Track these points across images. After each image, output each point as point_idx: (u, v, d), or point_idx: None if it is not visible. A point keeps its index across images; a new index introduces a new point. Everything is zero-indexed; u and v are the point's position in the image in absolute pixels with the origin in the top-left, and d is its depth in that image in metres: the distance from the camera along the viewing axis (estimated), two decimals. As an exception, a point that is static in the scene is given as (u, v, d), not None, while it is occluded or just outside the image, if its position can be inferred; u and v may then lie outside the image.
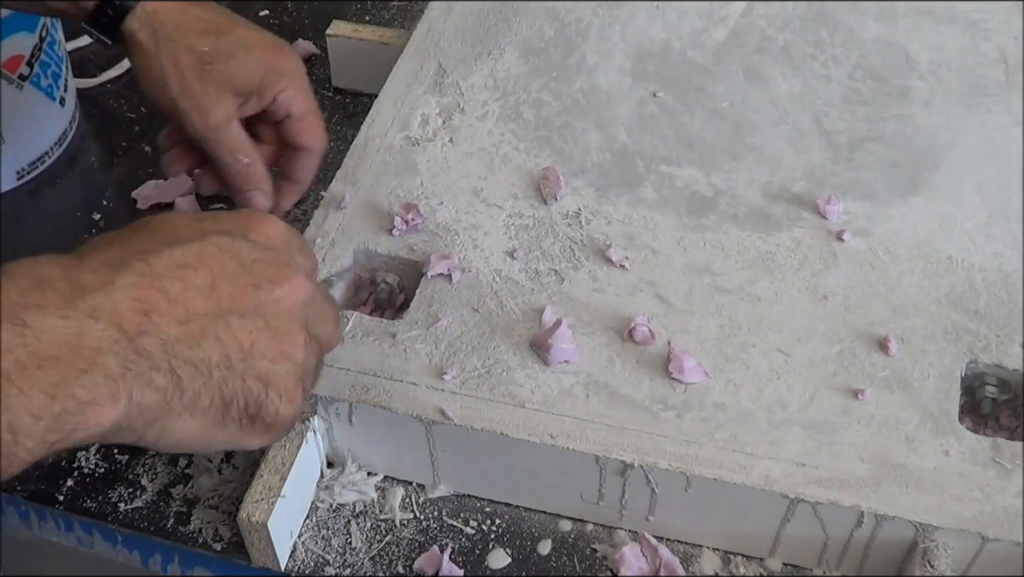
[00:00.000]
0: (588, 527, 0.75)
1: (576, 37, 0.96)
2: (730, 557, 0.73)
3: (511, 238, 0.81)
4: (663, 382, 0.72)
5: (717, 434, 0.70)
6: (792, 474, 0.68)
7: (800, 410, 0.71)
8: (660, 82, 0.93)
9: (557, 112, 0.90)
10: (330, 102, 1.04)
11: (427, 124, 0.89)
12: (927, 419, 0.71)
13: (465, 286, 0.78)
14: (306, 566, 0.73)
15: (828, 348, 0.74)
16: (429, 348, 0.74)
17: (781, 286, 0.78)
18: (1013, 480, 0.68)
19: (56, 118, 0.99)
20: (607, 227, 0.82)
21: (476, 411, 0.71)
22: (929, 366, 0.73)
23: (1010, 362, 0.74)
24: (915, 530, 0.67)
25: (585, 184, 0.85)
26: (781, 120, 0.90)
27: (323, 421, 0.73)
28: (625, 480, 0.70)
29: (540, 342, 0.73)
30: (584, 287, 0.78)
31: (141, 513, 0.76)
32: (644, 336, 0.74)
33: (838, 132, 0.89)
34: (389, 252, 0.80)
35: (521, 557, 0.73)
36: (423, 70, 0.93)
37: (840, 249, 0.80)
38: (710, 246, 0.81)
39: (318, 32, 1.07)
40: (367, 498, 0.76)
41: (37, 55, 0.94)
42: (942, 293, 0.78)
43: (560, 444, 0.69)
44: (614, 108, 0.91)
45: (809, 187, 0.84)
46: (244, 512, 0.69)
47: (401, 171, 0.85)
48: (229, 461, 0.78)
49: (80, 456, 0.79)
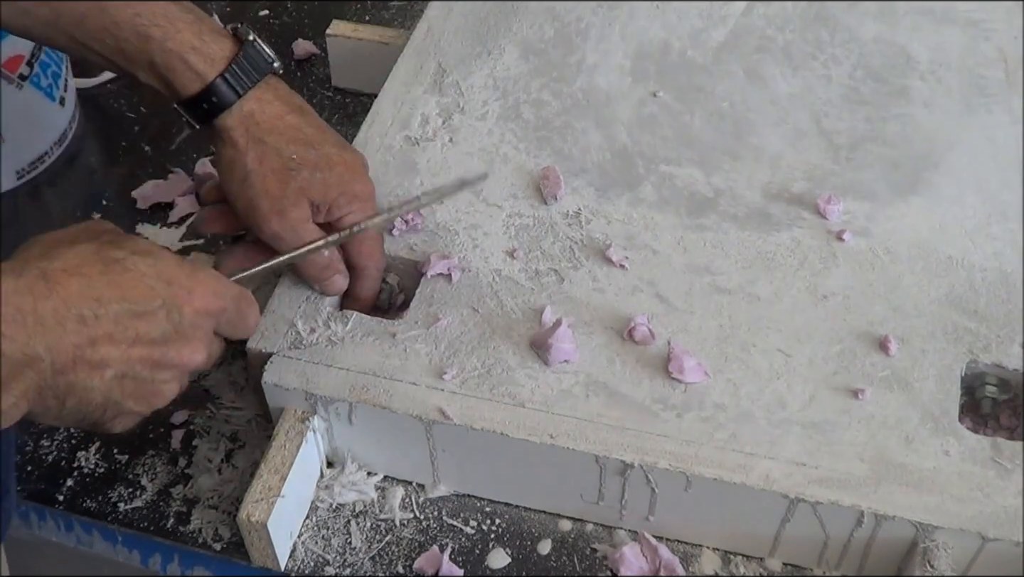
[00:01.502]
0: (588, 527, 0.75)
1: (576, 37, 0.96)
2: (730, 557, 0.73)
3: (511, 238, 0.81)
4: (663, 382, 0.72)
5: (717, 434, 0.70)
6: (792, 474, 0.68)
7: (800, 410, 0.71)
8: (660, 82, 0.92)
9: (557, 112, 0.90)
10: (330, 102, 1.04)
11: (427, 124, 0.89)
12: (927, 419, 0.71)
13: (465, 286, 0.78)
14: (306, 566, 0.73)
15: (828, 348, 0.74)
16: (429, 348, 0.74)
17: (781, 286, 0.78)
18: (1013, 480, 0.68)
19: (56, 118, 0.99)
20: (607, 227, 0.82)
21: (476, 411, 0.71)
22: (929, 366, 0.73)
23: (1010, 362, 0.74)
24: (915, 530, 0.67)
25: (585, 184, 0.85)
26: (781, 120, 0.90)
27: (323, 421, 0.73)
28: (625, 480, 0.70)
29: (540, 342, 0.73)
30: (584, 287, 0.78)
31: (141, 513, 0.76)
32: (644, 336, 0.74)
33: (838, 132, 0.89)
34: (389, 252, 0.80)
35: (521, 557, 0.73)
36: (423, 70, 0.93)
37: (840, 249, 0.80)
38: (710, 246, 0.81)
39: (318, 32, 1.07)
40: (367, 498, 0.76)
41: (37, 55, 0.94)
42: (942, 293, 0.78)
43: (560, 444, 0.69)
44: (614, 108, 0.90)
45: (809, 187, 0.84)
46: (244, 512, 0.69)
47: (401, 171, 0.85)
48: (229, 461, 0.78)
49: (80, 456, 0.79)
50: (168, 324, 0.61)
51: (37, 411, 0.58)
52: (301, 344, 0.74)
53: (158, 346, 0.61)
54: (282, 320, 0.76)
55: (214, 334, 0.65)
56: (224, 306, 0.64)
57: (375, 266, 0.78)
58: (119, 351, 0.59)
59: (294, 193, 0.74)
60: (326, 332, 0.75)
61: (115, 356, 0.59)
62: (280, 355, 0.74)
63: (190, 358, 0.62)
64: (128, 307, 0.59)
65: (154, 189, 0.96)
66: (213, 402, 0.82)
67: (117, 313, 0.58)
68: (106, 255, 0.59)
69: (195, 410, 0.81)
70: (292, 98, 0.77)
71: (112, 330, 0.58)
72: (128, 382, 0.60)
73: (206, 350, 0.64)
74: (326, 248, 0.75)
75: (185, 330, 0.62)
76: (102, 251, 0.60)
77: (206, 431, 0.80)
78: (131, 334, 0.59)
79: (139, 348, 0.60)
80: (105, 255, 0.59)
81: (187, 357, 0.62)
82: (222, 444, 0.79)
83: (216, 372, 0.83)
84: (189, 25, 0.73)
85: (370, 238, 0.78)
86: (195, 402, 0.82)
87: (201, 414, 0.81)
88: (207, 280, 0.63)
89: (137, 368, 0.60)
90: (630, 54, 0.95)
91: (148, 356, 0.60)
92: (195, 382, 0.83)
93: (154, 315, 0.60)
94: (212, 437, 0.80)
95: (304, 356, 0.74)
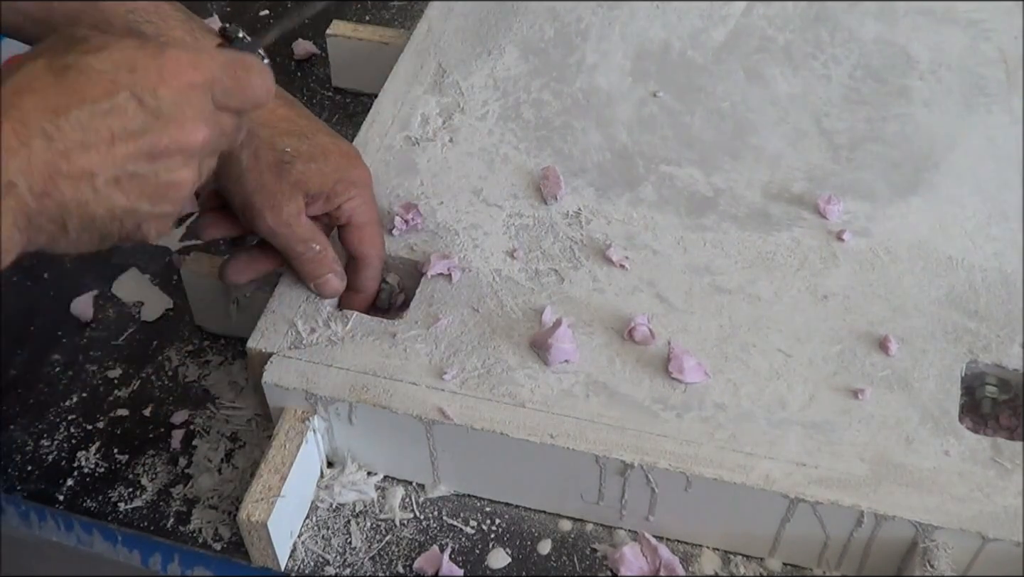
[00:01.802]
0: (588, 527, 0.75)
1: (576, 37, 0.96)
2: (730, 557, 0.73)
3: (511, 238, 0.81)
4: (663, 382, 0.72)
5: (717, 434, 0.70)
6: (792, 474, 0.68)
7: (800, 410, 0.71)
8: (660, 82, 0.93)
9: (557, 112, 0.90)
10: (330, 102, 1.04)
11: (427, 124, 0.89)
12: (927, 419, 0.71)
13: (465, 286, 0.78)
14: (306, 566, 0.73)
15: (828, 348, 0.74)
16: (429, 348, 0.74)
17: (781, 286, 0.78)
18: (1013, 480, 0.68)
19: (56, 118, 0.99)
20: (607, 227, 0.82)
21: (476, 411, 0.71)
22: (929, 366, 0.73)
23: (1010, 362, 0.74)
24: (915, 530, 0.67)
25: (585, 184, 0.85)
26: (781, 120, 0.90)
27: (323, 421, 0.73)
28: (625, 480, 0.70)
29: (540, 342, 0.73)
30: (584, 287, 0.78)
31: (141, 513, 0.76)
32: (644, 336, 0.74)
33: (838, 132, 0.89)
34: (389, 252, 0.80)
35: (521, 557, 0.73)
36: (423, 70, 0.93)
37: (840, 249, 0.80)
38: (710, 246, 0.81)
39: (318, 32, 1.07)
40: (367, 498, 0.76)
41: (37, 55, 0.93)
42: (942, 293, 0.78)
43: (560, 444, 0.69)
44: (614, 108, 0.91)
45: (809, 187, 0.84)
46: (244, 512, 0.69)
47: (401, 171, 0.85)
48: (229, 461, 0.78)
49: (80, 456, 0.79)
50: (144, 112, 0.57)
51: (42, 242, 0.56)
52: (301, 344, 0.74)
53: (143, 136, 0.57)
54: (282, 320, 0.76)
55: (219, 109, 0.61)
56: (210, 76, 0.60)
57: (376, 254, 0.78)
58: (99, 155, 0.56)
59: (289, 188, 0.73)
60: (326, 332, 0.75)
61: (97, 161, 0.56)
62: (280, 355, 0.74)
63: (187, 138, 0.58)
64: (91, 108, 0.56)
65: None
66: (213, 402, 0.82)
67: (79, 118, 0.55)
68: (56, 64, 0.56)
69: (195, 410, 0.81)
70: (281, 92, 0.77)
71: (82, 137, 0.55)
72: (129, 183, 0.57)
73: (205, 125, 0.59)
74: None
75: (168, 111, 0.58)
76: (52, 61, 0.56)
77: (206, 431, 0.80)
78: (105, 135, 0.56)
79: (121, 145, 0.56)
80: (55, 64, 0.56)
81: (183, 137, 0.58)
82: (222, 444, 0.79)
83: (216, 372, 0.83)
84: (181, 23, 0.73)
85: (369, 225, 0.77)
86: (195, 402, 0.82)
87: (201, 414, 0.81)
88: (178, 55, 0.59)
89: (130, 166, 0.57)
90: (630, 54, 0.95)
91: (136, 151, 0.57)
92: (195, 382, 0.83)
93: (124, 108, 0.56)
94: (212, 437, 0.80)
95: (304, 356, 0.74)
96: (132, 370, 0.84)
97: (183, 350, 0.85)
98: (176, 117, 0.58)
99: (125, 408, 0.82)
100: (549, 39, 0.96)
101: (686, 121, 0.90)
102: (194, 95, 0.59)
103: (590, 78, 0.93)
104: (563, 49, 0.95)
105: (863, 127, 0.89)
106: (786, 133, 0.89)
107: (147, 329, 0.87)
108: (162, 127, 0.57)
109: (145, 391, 0.83)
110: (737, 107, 0.90)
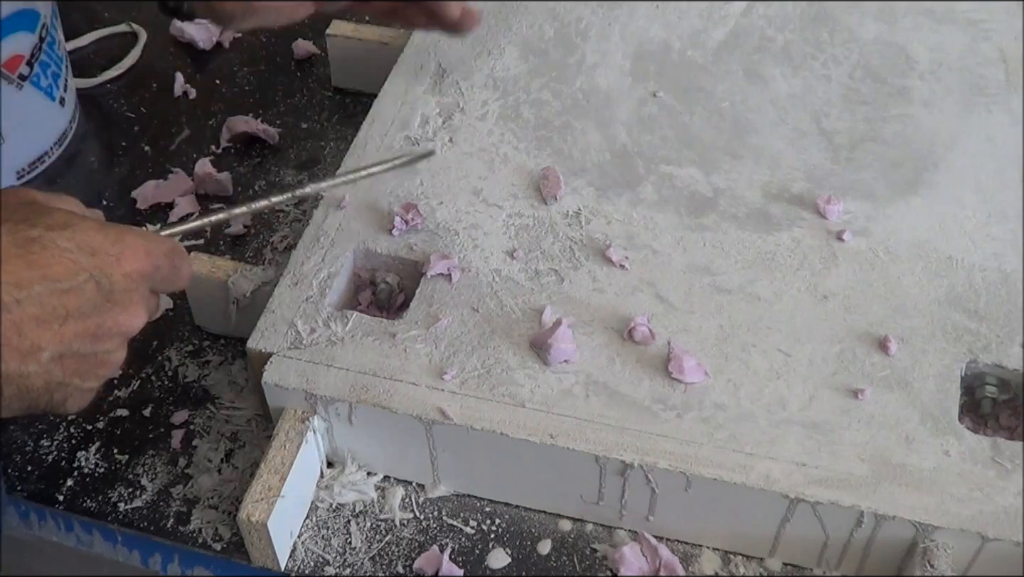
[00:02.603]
0: (588, 527, 0.75)
1: (576, 37, 0.96)
2: (730, 557, 0.73)
3: (511, 238, 0.81)
4: (663, 382, 0.72)
5: (717, 434, 0.70)
6: (792, 474, 0.68)
7: (800, 410, 0.71)
8: (660, 82, 0.93)
9: (557, 112, 0.90)
10: (330, 102, 1.04)
11: (427, 124, 0.89)
12: (927, 419, 0.71)
13: (465, 286, 0.78)
14: (306, 566, 0.73)
15: (828, 348, 0.74)
16: (429, 348, 0.74)
17: (781, 286, 0.78)
18: (1013, 480, 0.68)
19: (56, 118, 0.99)
20: (607, 227, 0.82)
21: (476, 411, 0.71)
22: (929, 366, 0.73)
23: (1010, 362, 0.74)
24: (915, 530, 0.67)
25: (585, 184, 0.85)
26: (781, 120, 0.90)
27: (323, 421, 0.73)
28: (625, 480, 0.70)
29: (540, 342, 0.73)
30: (584, 287, 0.78)
31: (141, 513, 0.76)
32: (644, 336, 0.74)
33: (838, 132, 0.89)
34: (389, 252, 0.80)
35: (521, 557, 0.73)
36: (423, 70, 0.93)
37: (840, 249, 0.80)
38: (710, 246, 0.81)
39: (318, 32, 1.07)
40: (367, 498, 0.76)
41: (37, 55, 0.94)
42: (942, 293, 0.78)
43: (560, 444, 0.69)
44: (614, 108, 0.91)
45: (809, 187, 0.84)
46: (244, 512, 0.69)
47: (401, 171, 0.85)
48: (229, 461, 0.78)
49: (80, 456, 0.79)
50: (99, 295, 0.59)
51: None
52: (301, 344, 0.74)
53: (92, 317, 0.58)
54: (282, 320, 0.76)
55: (150, 292, 0.63)
56: (156, 264, 0.62)
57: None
58: (50, 332, 0.57)
59: None
60: (326, 332, 0.75)
61: (47, 338, 0.57)
62: (280, 355, 0.74)
63: (130, 323, 0.61)
64: (52, 285, 0.57)
65: (154, 189, 0.96)
66: (213, 402, 0.82)
67: (40, 294, 0.56)
68: (21, 236, 0.57)
69: (195, 410, 0.81)
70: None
71: (38, 312, 0.56)
72: (69, 360, 0.59)
73: (145, 311, 0.62)
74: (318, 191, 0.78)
75: (119, 297, 0.60)
76: (16, 232, 0.57)
77: (206, 431, 0.80)
78: (61, 312, 0.57)
79: (72, 324, 0.58)
80: (19, 236, 0.57)
81: (126, 323, 0.60)
82: (222, 444, 0.79)
83: (216, 372, 0.83)
84: None
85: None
86: (195, 402, 0.82)
87: (201, 414, 0.81)
88: (135, 241, 0.61)
89: (75, 345, 0.58)
90: (630, 54, 0.95)
91: (84, 330, 0.58)
92: (195, 382, 0.83)
93: (81, 289, 0.58)
94: (212, 437, 0.80)
95: (304, 356, 0.74)
96: (132, 370, 0.84)
97: (183, 350, 0.85)
98: (123, 301, 0.60)
99: (125, 408, 0.82)
100: (549, 39, 0.96)
101: (686, 121, 0.90)
102: (140, 282, 0.61)
103: (590, 78, 0.93)
104: (563, 49, 0.95)
105: (863, 127, 0.89)
106: (786, 133, 0.89)
107: (147, 329, 0.86)
108: (109, 309, 0.59)
109: (145, 391, 0.83)
110: (737, 107, 0.91)
